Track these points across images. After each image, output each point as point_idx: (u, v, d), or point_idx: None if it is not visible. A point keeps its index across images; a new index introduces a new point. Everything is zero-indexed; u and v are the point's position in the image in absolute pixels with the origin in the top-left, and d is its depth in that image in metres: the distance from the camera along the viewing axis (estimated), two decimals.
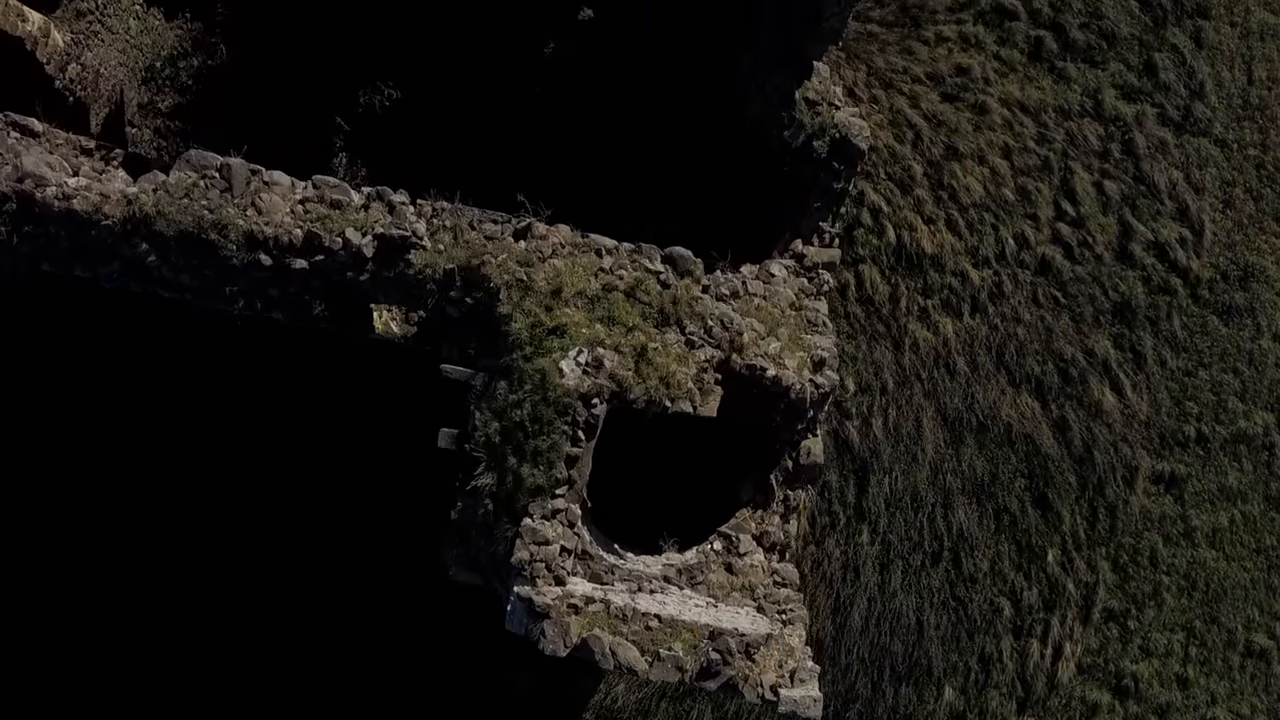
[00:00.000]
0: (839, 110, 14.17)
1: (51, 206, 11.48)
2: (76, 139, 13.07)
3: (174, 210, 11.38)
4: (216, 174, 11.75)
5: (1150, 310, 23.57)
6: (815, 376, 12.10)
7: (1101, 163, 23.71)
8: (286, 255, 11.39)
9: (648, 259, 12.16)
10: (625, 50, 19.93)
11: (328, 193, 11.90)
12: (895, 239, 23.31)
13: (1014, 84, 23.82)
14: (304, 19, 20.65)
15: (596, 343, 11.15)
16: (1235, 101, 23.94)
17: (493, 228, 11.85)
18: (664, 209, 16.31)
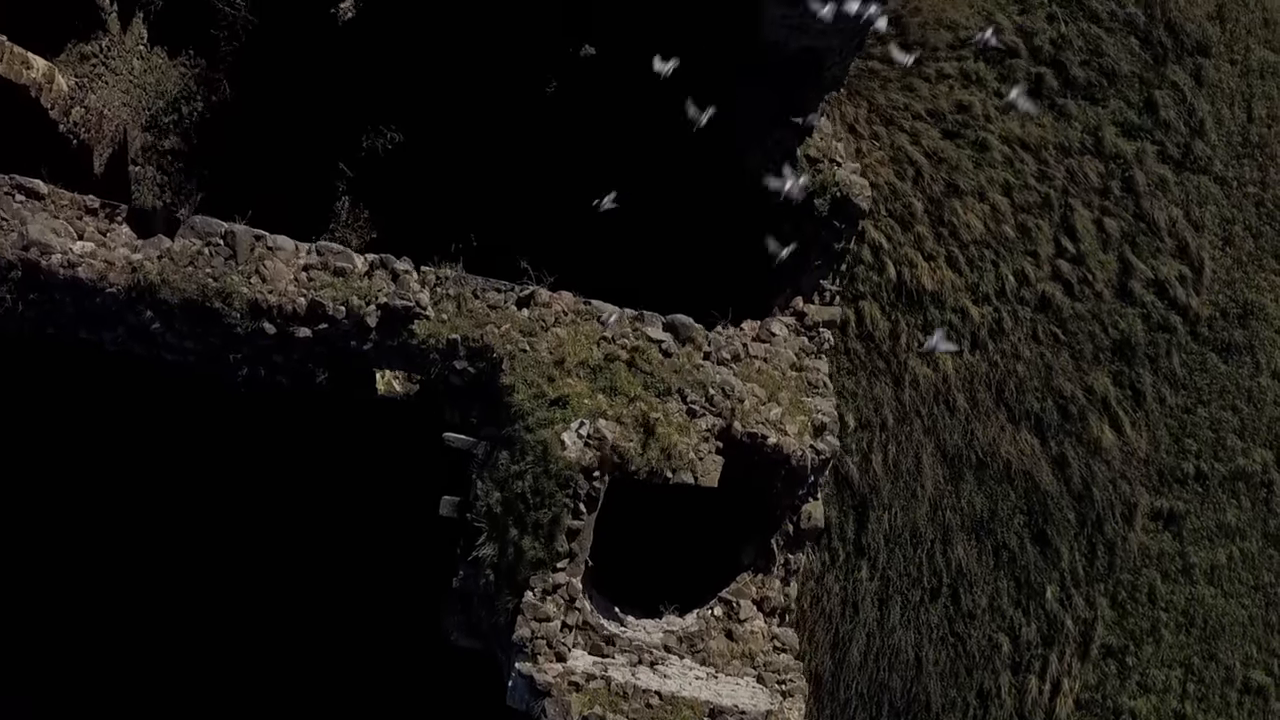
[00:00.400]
0: (840, 167, 14.23)
1: (57, 274, 11.56)
2: (81, 199, 13.13)
3: (178, 278, 11.45)
4: (221, 241, 11.82)
5: (1150, 347, 23.62)
6: (816, 443, 12.18)
7: (1102, 200, 23.78)
8: (290, 324, 11.46)
9: (650, 327, 12.24)
10: (626, 92, 20.00)
11: (331, 260, 11.97)
12: (895, 275, 23.36)
13: (1015, 121, 23.89)
14: (306, 62, 20.74)
15: (598, 414, 11.23)
16: (1235, 139, 24.01)
17: (496, 296, 11.92)
18: (665, 259, 16.40)
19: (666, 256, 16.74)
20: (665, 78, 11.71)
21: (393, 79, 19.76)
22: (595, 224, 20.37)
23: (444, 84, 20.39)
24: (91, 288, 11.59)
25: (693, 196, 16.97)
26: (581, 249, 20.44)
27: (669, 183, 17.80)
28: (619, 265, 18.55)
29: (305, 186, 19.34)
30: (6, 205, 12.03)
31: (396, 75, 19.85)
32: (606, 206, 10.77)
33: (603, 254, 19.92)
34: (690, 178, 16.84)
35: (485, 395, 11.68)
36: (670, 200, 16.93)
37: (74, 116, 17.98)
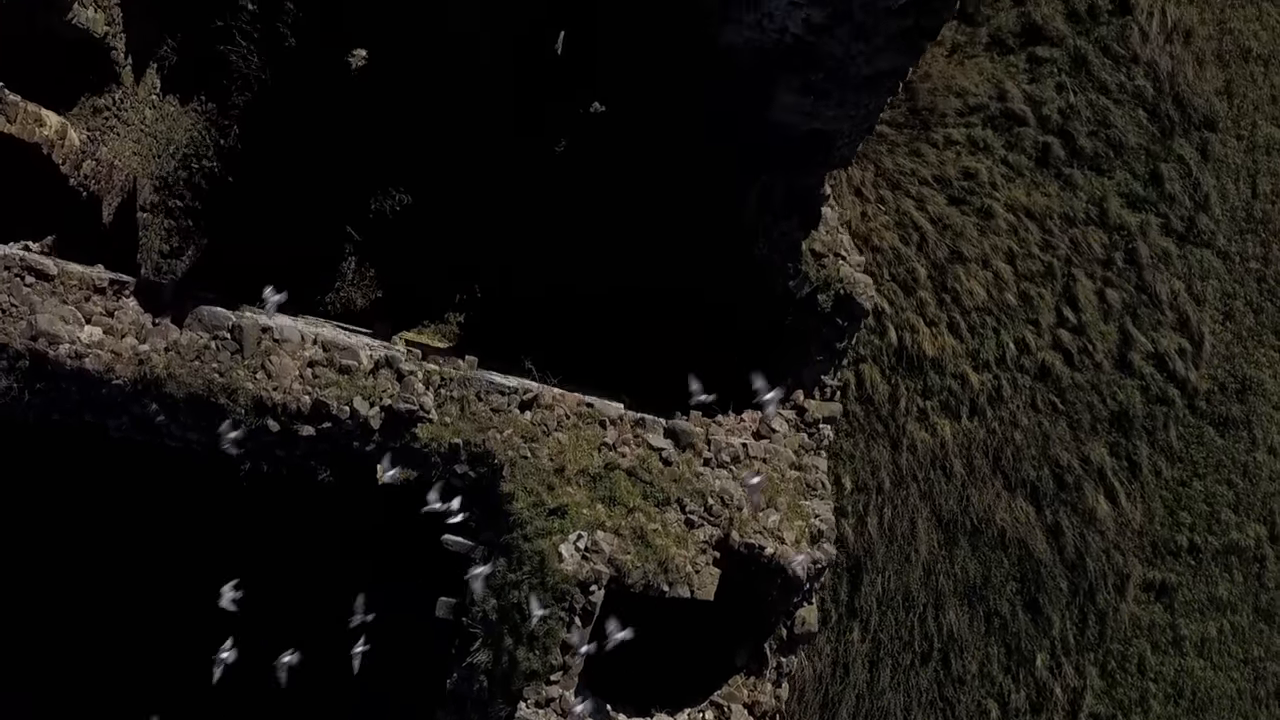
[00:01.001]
0: (845, 262, 14.33)
1: (64, 365, 11.65)
2: (89, 276, 13.21)
3: (185, 373, 11.54)
4: (228, 334, 11.91)
5: (1147, 420, 23.72)
6: (813, 550, 12.29)
7: (1104, 271, 23.88)
8: (294, 422, 11.55)
9: (650, 434, 12.35)
10: (632, 158, 20.13)
11: (337, 356, 12.06)
12: (897, 340, 23.48)
13: (1020, 189, 24.01)
14: (316, 117, 20.84)
15: (597, 525, 11.32)
16: (1239, 214, 24.12)
17: (500, 400, 12.02)
18: (668, 339, 16.50)
19: (671, 334, 16.85)
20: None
21: (401, 138, 19.87)
22: (600, 295, 20.55)
23: (451, 143, 20.50)
24: (98, 379, 11.69)
25: (699, 275, 17.07)
26: (586, 321, 20.63)
27: (675, 258, 17.95)
28: (623, 344, 18.71)
29: (312, 246, 19.44)
30: (16, 290, 12.13)
31: (405, 134, 19.96)
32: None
33: (607, 328, 20.07)
34: (696, 256, 16.97)
35: (485, 499, 11.79)
36: (675, 278, 17.04)
37: (85, 169, 18.08)
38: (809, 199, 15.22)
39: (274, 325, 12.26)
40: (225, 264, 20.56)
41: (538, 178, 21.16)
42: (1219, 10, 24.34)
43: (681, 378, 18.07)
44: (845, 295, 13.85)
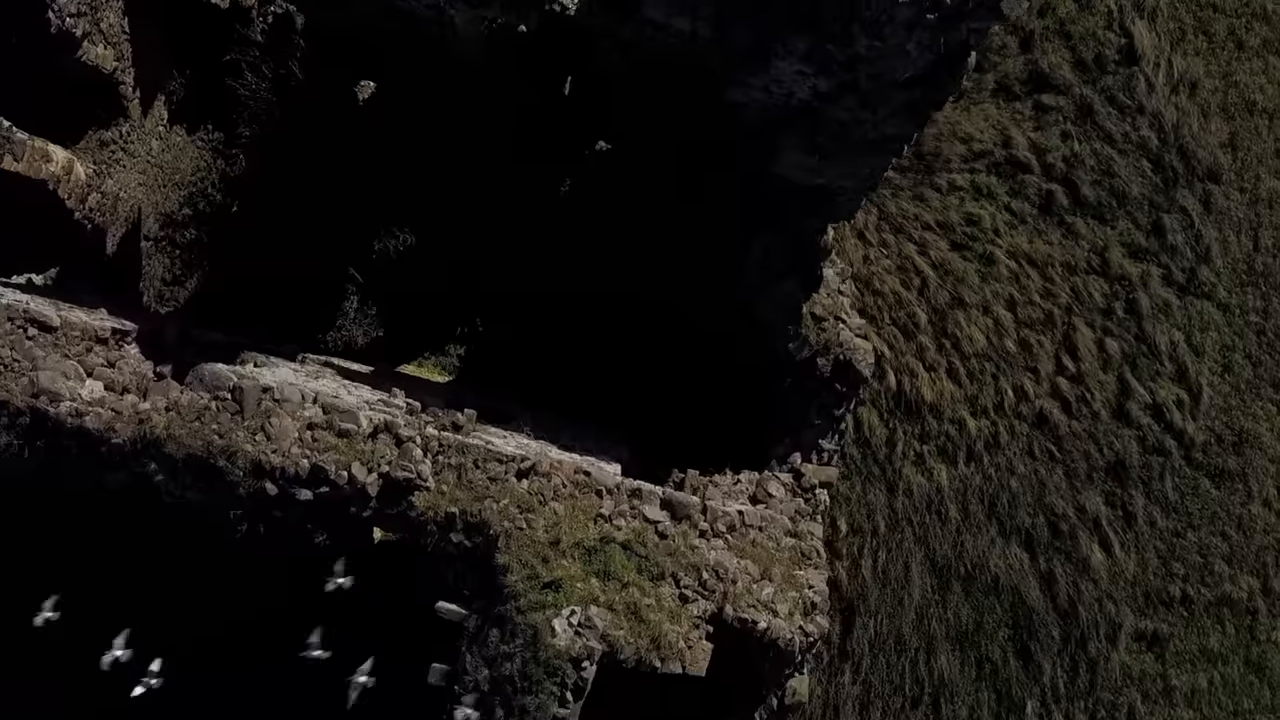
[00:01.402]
0: (846, 325, 14.38)
1: (64, 423, 11.70)
2: (91, 327, 13.25)
3: (184, 433, 11.59)
4: (229, 395, 11.96)
5: (1144, 470, 23.76)
6: (806, 624, 12.34)
7: (1104, 320, 23.93)
8: (292, 485, 11.60)
9: (647, 505, 12.40)
10: (635, 205, 20.20)
11: (336, 420, 12.11)
12: (896, 384, 23.51)
13: (1023, 236, 24.06)
14: (322, 152, 20.89)
15: (590, 600, 11.37)
16: (1240, 267, 24.17)
17: (497, 468, 12.07)
18: (668, 395, 16.59)
19: (669, 390, 16.95)
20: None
21: (406, 171, 19.92)
22: (602, 333, 20.61)
23: (456, 177, 20.54)
24: (98, 437, 11.75)
25: (700, 326, 17.12)
26: (587, 356, 20.69)
27: (677, 307, 18.01)
28: (623, 396, 18.76)
29: (315, 283, 19.49)
30: (19, 344, 12.16)
31: (410, 167, 20.00)
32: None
33: (609, 363, 20.13)
34: (698, 307, 17.01)
35: (480, 568, 11.84)
36: (677, 326, 17.10)
37: (90, 203, 18.12)
38: (810, 260, 15.27)
39: (274, 385, 12.30)
40: (228, 297, 20.62)
41: (541, 215, 21.22)
42: (1225, 63, 24.40)
43: (684, 420, 18.16)
44: (844, 361, 13.90)
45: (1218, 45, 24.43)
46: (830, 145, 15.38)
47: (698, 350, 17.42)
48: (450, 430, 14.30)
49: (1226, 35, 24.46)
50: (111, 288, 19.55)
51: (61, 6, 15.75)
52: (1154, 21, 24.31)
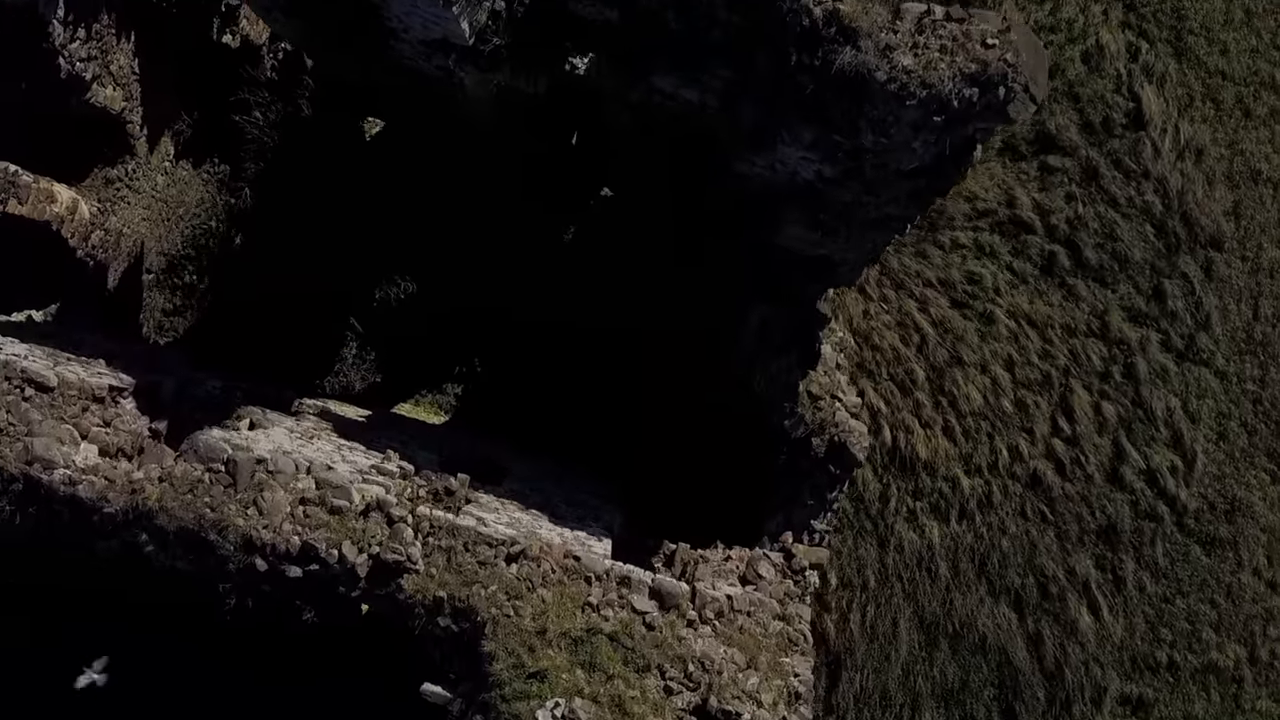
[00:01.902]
0: (842, 404, 14.41)
1: (57, 491, 11.72)
2: (89, 386, 13.27)
3: (177, 505, 11.60)
4: (222, 467, 11.98)
5: (1135, 535, 23.80)
6: (789, 714, 12.36)
7: (1102, 384, 23.95)
8: (282, 562, 11.62)
9: (635, 595, 12.42)
10: (635, 259, 20.24)
11: (329, 496, 12.13)
12: (891, 440, 23.55)
13: (1023, 297, 24.10)
14: (327, 189, 20.92)
15: (575, 691, 11.38)
16: (1239, 335, 24.20)
17: (487, 551, 12.10)
18: (665, 449, 16.60)
19: (670, 440, 16.97)
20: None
21: (409, 216, 19.96)
22: (599, 381, 20.64)
23: (459, 223, 20.57)
24: (91, 506, 11.77)
25: (695, 402, 17.18)
26: (583, 403, 20.73)
27: (675, 366, 18.06)
28: (621, 443, 18.81)
29: (315, 328, 19.50)
30: (15, 407, 12.17)
31: (414, 208, 20.04)
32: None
33: (606, 425, 20.17)
34: (695, 381, 17.06)
35: (466, 652, 11.86)
36: (672, 402, 17.18)
37: (93, 240, 18.15)
38: (809, 335, 15.30)
39: (268, 456, 12.32)
40: (229, 332, 20.63)
41: (544, 261, 21.25)
42: (1232, 131, 24.44)
43: (680, 478, 18.17)
44: (839, 444, 13.94)
45: (1225, 113, 24.47)
46: (833, 222, 15.42)
47: (697, 409, 17.45)
48: (443, 495, 14.31)
49: (1234, 103, 24.50)
50: (112, 322, 19.61)
51: (72, 52, 15.77)
52: (1162, 87, 24.35)
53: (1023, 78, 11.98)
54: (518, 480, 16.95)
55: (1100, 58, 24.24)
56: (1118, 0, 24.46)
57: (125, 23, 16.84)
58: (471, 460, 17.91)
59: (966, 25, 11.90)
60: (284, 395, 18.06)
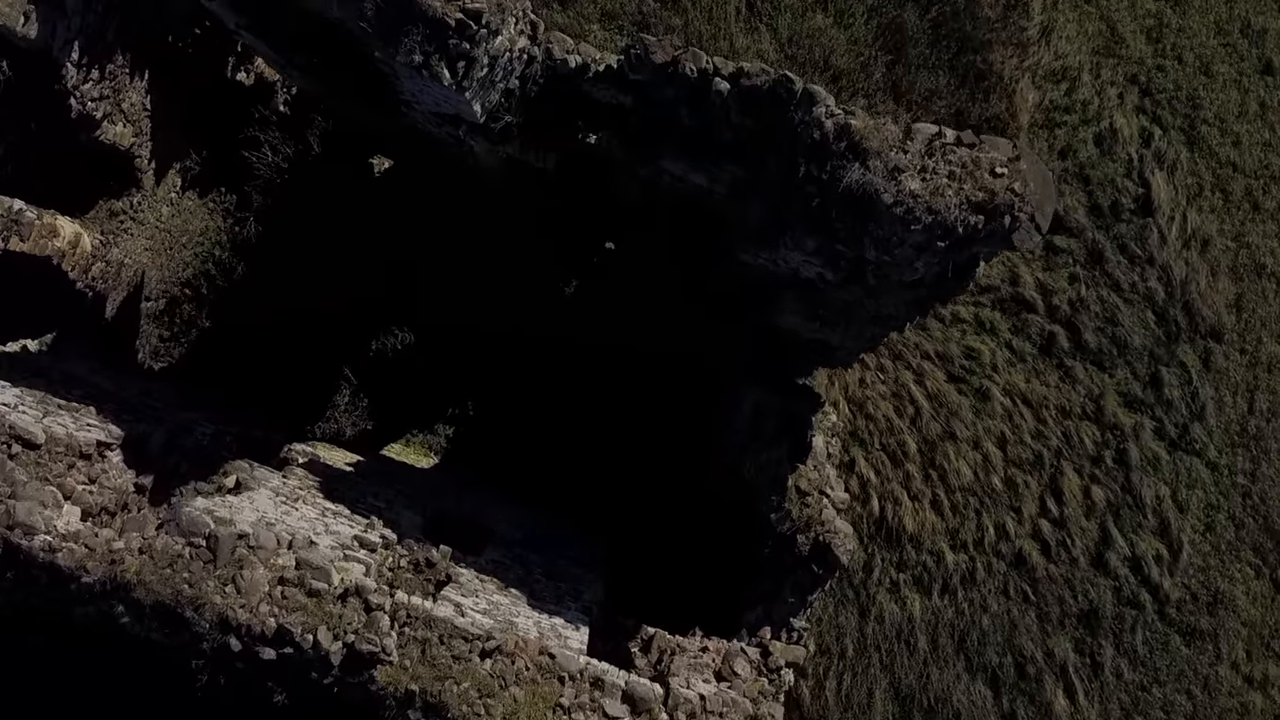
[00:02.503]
0: (830, 501, 14.40)
1: (36, 558, 11.70)
2: (76, 442, 13.23)
3: (155, 579, 11.58)
4: (204, 542, 11.96)
5: (1116, 621, 23.78)
6: None
7: (1093, 467, 23.94)
8: (257, 644, 11.60)
9: (608, 699, 12.39)
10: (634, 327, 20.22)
11: (308, 577, 12.11)
12: (879, 510, 23.54)
13: (1020, 375, 24.08)
14: (332, 224, 20.91)
15: None
16: (1233, 428, 24.18)
17: (462, 645, 12.08)
18: (651, 534, 16.60)
19: (654, 531, 16.99)
20: None
21: (412, 257, 19.95)
22: (591, 454, 20.64)
23: (463, 270, 20.56)
24: (69, 574, 11.75)
25: (686, 484, 17.19)
26: (575, 454, 20.72)
27: (664, 458, 18.14)
28: (609, 518, 18.80)
29: (309, 376, 19.48)
30: (1, 467, 12.15)
31: (416, 253, 20.03)
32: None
33: (594, 495, 20.16)
34: (687, 463, 17.06)
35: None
36: (663, 479, 17.18)
37: (93, 272, 18.12)
38: (801, 426, 15.29)
39: (250, 531, 12.30)
40: (222, 366, 20.61)
41: (545, 308, 21.23)
42: (1239, 223, 24.44)
43: (663, 549, 18.17)
44: (823, 544, 13.94)
45: (1234, 204, 24.47)
46: (832, 316, 15.42)
47: (687, 489, 17.46)
48: (424, 567, 14.29)
49: (1243, 195, 24.50)
50: (108, 349, 19.58)
51: (84, 93, 15.75)
52: (1173, 174, 24.35)
53: (1029, 208, 11.98)
54: (500, 546, 16.93)
55: (1113, 141, 24.24)
56: (1133, 85, 24.45)
57: (140, 62, 16.81)
58: (456, 520, 17.90)
59: (976, 152, 11.89)
60: (273, 440, 18.05)
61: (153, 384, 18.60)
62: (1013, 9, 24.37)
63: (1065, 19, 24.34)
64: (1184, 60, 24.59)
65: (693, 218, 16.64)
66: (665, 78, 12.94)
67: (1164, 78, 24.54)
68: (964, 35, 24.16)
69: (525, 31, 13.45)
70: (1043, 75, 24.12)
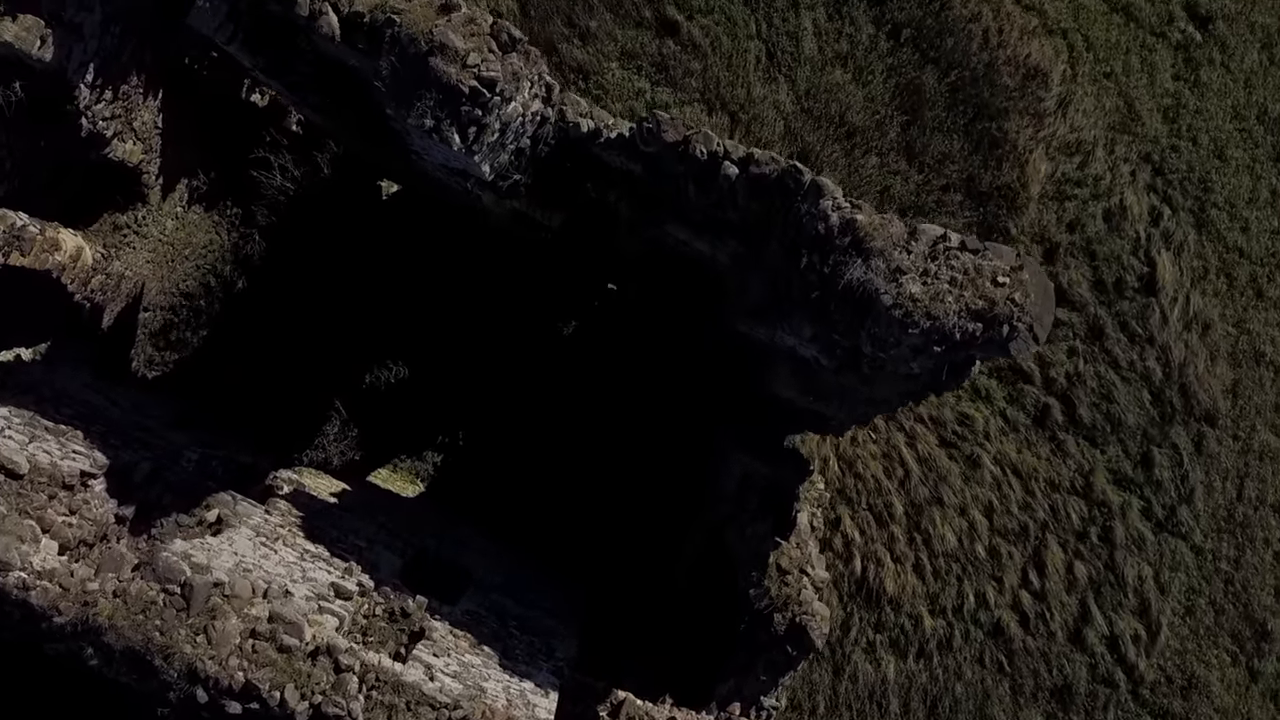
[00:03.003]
0: (810, 580, 14.38)
1: (10, 594, 11.68)
2: (59, 473, 13.21)
3: (126, 625, 11.56)
4: (178, 590, 11.93)
5: (1089, 698, 23.78)
6: None
7: (1077, 543, 23.94)
8: (223, 697, 11.58)
9: None
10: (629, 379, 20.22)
11: (280, 632, 12.08)
12: (860, 570, 23.54)
13: (1012, 445, 24.07)
14: (334, 246, 20.89)
15: None
16: (1220, 514, 24.19)
17: (429, 714, 12.06)
18: (630, 591, 16.58)
19: (633, 588, 16.99)
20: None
21: (414, 289, 19.93)
22: (576, 500, 20.64)
23: (457, 320, 20.55)
24: (41, 613, 11.73)
25: (667, 540, 17.18)
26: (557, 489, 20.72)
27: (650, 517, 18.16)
28: (589, 566, 18.78)
29: (301, 403, 19.46)
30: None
31: (419, 285, 20.01)
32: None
33: (576, 540, 20.13)
34: (669, 518, 17.05)
35: None
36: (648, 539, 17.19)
37: (93, 284, 18.09)
38: (786, 500, 15.28)
39: (226, 579, 12.28)
40: (215, 382, 20.58)
41: (543, 347, 21.22)
42: (1241, 309, 24.44)
43: (641, 608, 18.17)
44: (799, 626, 13.93)
45: (1238, 290, 24.48)
46: (826, 393, 15.40)
47: (671, 553, 17.47)
48: (399, 617, 14.26)
49: (1248, 281, 24.51)
50: (103, 359, 19.54)
51: (96, 113, 15.72)
52: (1179, 255, 24.36)
53: (1028, 318, 11.96)
54: (478, 592, 16.90)
55: (1122, 218, 24.24)
56: (1146, 163, 24.45)
57: (154, 81, 16.78)
58: (436, 561, 17.86)
59: (979, 259, 11.88)
60: (260, 466, 18.01)
61: (145, 398, 18.56)
62: (1032, 79, 24.51)
63: (1084, 92, 24.35)
64: (1199, 142, 24.60)
65: (694, 279, 16.62)
66: (676, 155, 12.93)
67: (1177, 158, 24.55)
68: (981, 101, 24.38)
69: (540, 95, 13.43)
70: (1057, 147, 24.14)
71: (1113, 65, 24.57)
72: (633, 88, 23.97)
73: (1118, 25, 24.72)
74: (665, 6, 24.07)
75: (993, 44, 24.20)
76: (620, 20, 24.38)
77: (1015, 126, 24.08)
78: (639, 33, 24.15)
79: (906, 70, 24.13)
